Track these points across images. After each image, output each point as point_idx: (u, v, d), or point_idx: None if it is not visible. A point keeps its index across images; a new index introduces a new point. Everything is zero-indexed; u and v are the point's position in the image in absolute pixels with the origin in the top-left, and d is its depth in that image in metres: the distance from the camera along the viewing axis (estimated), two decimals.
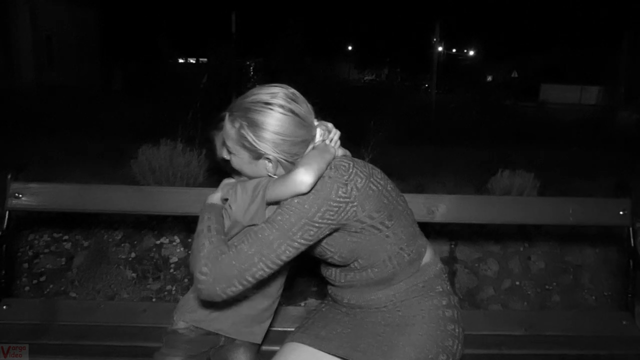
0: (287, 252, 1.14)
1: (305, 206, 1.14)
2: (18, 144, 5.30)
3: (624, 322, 1.86)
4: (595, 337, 1.83)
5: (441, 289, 1.32)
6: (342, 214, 1.16)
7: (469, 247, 2.94)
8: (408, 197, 1.83)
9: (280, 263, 1.15)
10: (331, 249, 1.24)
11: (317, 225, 1.15)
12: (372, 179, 1.21)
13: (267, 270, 1.14)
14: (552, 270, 2.92)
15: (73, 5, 18.33)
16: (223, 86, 6.59)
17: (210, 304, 1.36)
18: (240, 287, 1.14)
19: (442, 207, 1.84)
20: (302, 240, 1.15)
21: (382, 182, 1.24)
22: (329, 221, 1.16)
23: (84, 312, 1.84)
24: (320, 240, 1.20)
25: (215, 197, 1.36)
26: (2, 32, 15.23)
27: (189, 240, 2.82)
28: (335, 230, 1.20)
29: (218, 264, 1.14)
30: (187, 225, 2.84)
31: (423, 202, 1.84)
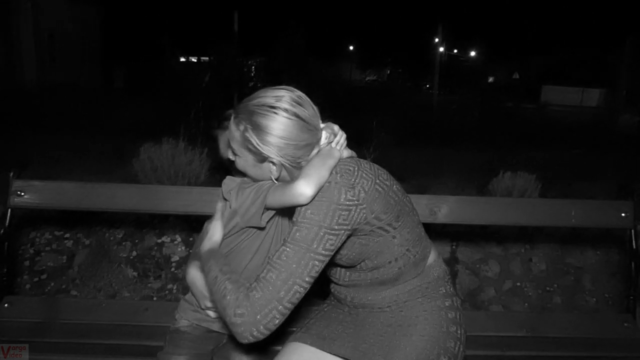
0: (315, 267, 1.13)
1: (320, 216, 1.13)
2: (20, 142, 5.30)
3: (626, 325, 1.86)
4: (597, 339, 1.83)
5: (444, 291, 1.32)
6: (353, 218, 1.16)
7: (470, 248, 2.94)
8: (411, 197, 1.84)
9: (311, 280, 1.13)
10: (340, 252, 1.23)
11: (335, 232, 1.14)
12: (378, 180, 1.21)
13: (301, 291, 1.11)
14: (553, 271, 2.92)
15: (75, 3, 18.35)
16: (225, 85, 6.59)
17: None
18: (282, 318, 1.10)
19: (444, 208, 1.84)
20: (325, 252, 1.13)
21: (388, 183, 1.24)
22: (344, 226, 1.15)
23: (85, 311, 1.84)
24: (338, 249, 1.19)
25: (209, 242, 1.32)
26: (4, 30, 15.26)
27: (191, 239, 2.82)
28: (349, 235, 1.20)
29: (252, 301, 1.09)
30: (188, 224, 2.84)
31: (426, 203, 1.85)
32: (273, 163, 1.21)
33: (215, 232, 1.34)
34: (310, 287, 1.15)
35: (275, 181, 1.24)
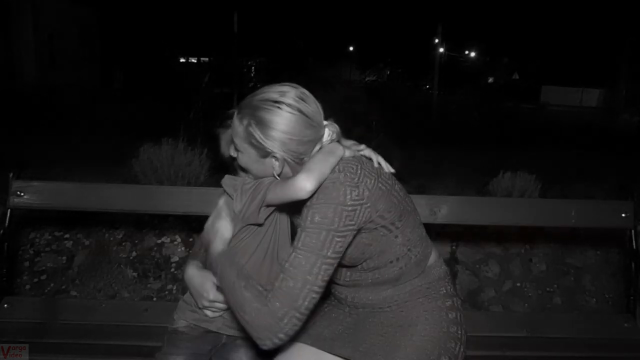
0: (327, 270, 1.14)
1: (328, 220, 1.13)
2: (21, 142, 5.30)
3: (626, 325, 1.86)
4: (597, 339, 1.82)
5: (445, 291, 1.32)
6: (359, 217, 1.16)
7: (470, 248, 2.94)
8: (411, 197, 1.84)
9: (324, 284, 1.14)
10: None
11: (342, 234, 1.14)
12: (380, 179, 1.21)
13: (316, 296, 1.13)
14: (553, 272, 2.92)
15: (74, 4, 18.37)
16: (224, 85, 6.60)
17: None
18: (300, 323, 1.13)
19: (444, 208, 1.84)
20: (334, 255, 1.14)
21: (389, 182, 1.24)
22: (350, 227, 1.15)
23: (85, 311, 1.84)
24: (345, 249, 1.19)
25: (220, 242, 1.30)
26: (4, 31, 15.26)
27: (190, 239, 2.82)
28: (355, 235, 1.20)
29: (272, 311, 1.11)
30: (188, 224, 2.84)
31: (426, 203, 1.84)
32: (276, 158, 1.21)
33: (225, 231, 1.32)
34: None
35: (277, 177, 1.24)
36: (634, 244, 1.86)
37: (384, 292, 1.29)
